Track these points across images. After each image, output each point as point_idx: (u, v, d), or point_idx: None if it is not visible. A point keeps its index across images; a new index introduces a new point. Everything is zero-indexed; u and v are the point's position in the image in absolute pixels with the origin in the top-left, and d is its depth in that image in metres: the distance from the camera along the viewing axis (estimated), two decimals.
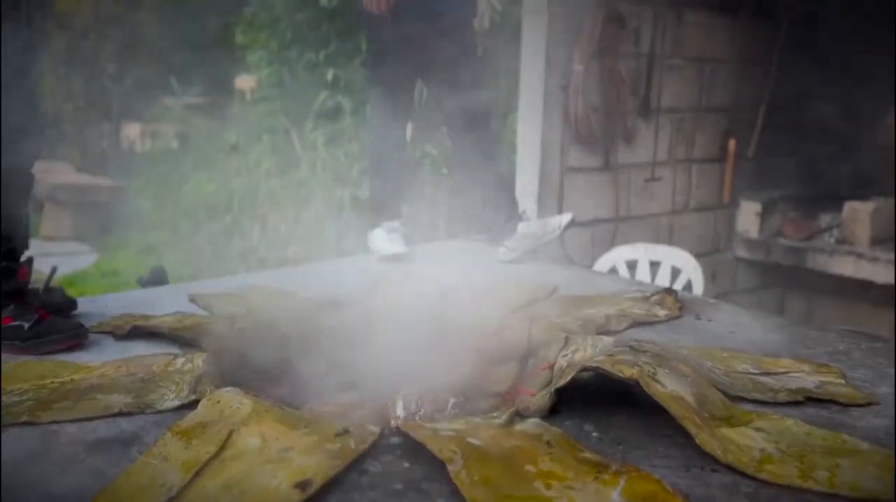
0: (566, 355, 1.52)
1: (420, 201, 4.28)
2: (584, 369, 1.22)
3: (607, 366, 1.20)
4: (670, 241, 3.54)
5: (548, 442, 1.11)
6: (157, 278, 5.00)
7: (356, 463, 1.06)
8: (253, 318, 1.71)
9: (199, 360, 1.43)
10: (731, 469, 1.07)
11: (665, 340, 1.65)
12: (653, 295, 1.94)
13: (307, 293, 1.97)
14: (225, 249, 4.95)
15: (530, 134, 3.02)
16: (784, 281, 4.14)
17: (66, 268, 7.33)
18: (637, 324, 1.75)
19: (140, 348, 1.55)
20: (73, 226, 9.15)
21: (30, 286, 1.63)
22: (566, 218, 2.44)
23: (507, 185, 2.57)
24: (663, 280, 2.85)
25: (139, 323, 1.66)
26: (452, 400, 1.49)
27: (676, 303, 1.91)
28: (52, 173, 10.01)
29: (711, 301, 2.00)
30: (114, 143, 11.90)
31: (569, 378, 1.21)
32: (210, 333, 1.59)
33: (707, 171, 3.72)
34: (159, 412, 1.24)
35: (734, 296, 3.93)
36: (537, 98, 3.03)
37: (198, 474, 1.00)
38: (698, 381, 1.28)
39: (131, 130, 12.30)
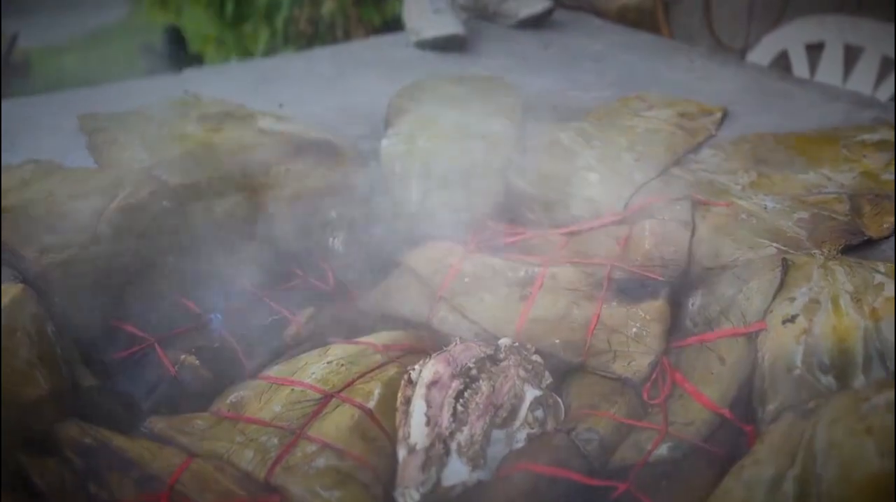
0: (791, 302, 0.68)
1: None
2: None
3: None
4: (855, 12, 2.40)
5: None
6: (170, 46, 4.14)
7: None
8: (156, 182, 0.90)
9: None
10: None
11: None
12: None
13: (280, 118, 1.13)
14: (250, 9, 4.01)
15: None
16: None
17: (91, 23, 6.55)
18: None
19: None
20: None
21: None
22: None
23: None
24: (863, 81, 1.83)
25: None
26: (531, 398, 0.71)
27: None
28: None
29: None
30: None
31: None
32: (54, 222, 0.80)
33: None
34: None
35: None
36: None
37: None
38: None
39: None
